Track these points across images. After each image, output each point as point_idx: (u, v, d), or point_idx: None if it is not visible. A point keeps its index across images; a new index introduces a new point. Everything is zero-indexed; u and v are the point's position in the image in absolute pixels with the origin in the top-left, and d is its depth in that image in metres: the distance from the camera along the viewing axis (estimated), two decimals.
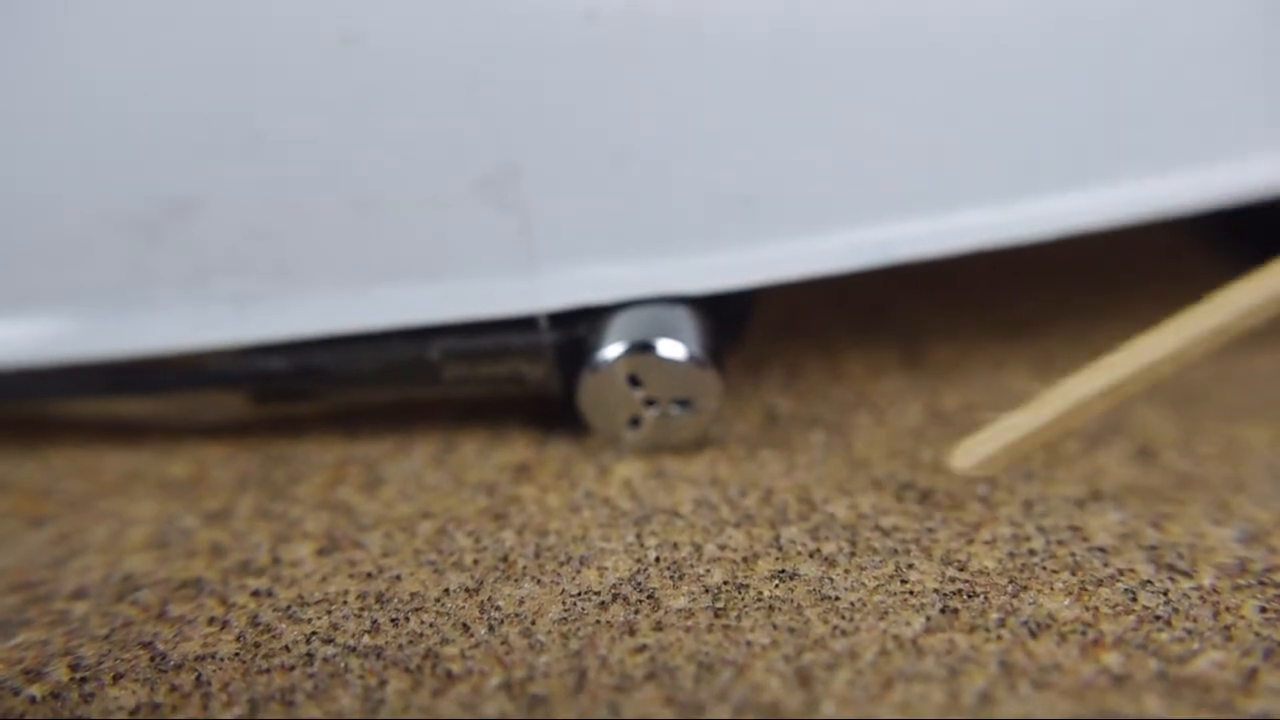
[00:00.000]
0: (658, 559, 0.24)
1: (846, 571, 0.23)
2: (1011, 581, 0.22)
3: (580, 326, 0.27)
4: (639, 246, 0.27)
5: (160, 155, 0.26)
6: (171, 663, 0.22)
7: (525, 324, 0.27)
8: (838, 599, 0.22)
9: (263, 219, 0.27)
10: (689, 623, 0.22)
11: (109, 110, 0.26)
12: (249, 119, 0.26)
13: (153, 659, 0.22)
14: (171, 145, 0.26)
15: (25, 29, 0.26)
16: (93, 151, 0.27)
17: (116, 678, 0.21)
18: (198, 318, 0.27)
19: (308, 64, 0.26)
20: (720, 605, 0.22)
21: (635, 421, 0.27)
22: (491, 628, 0.22)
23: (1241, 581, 0.22)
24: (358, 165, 0.26)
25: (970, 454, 0.24)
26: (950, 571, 0.23)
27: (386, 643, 0.22)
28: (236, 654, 0.22)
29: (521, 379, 0.27)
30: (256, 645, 0.22)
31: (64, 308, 0.28)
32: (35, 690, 0.21)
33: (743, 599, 0.22)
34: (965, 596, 0.22)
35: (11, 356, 0.28)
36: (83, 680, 0.21)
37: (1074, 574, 0.23)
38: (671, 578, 0.23)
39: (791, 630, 0.21)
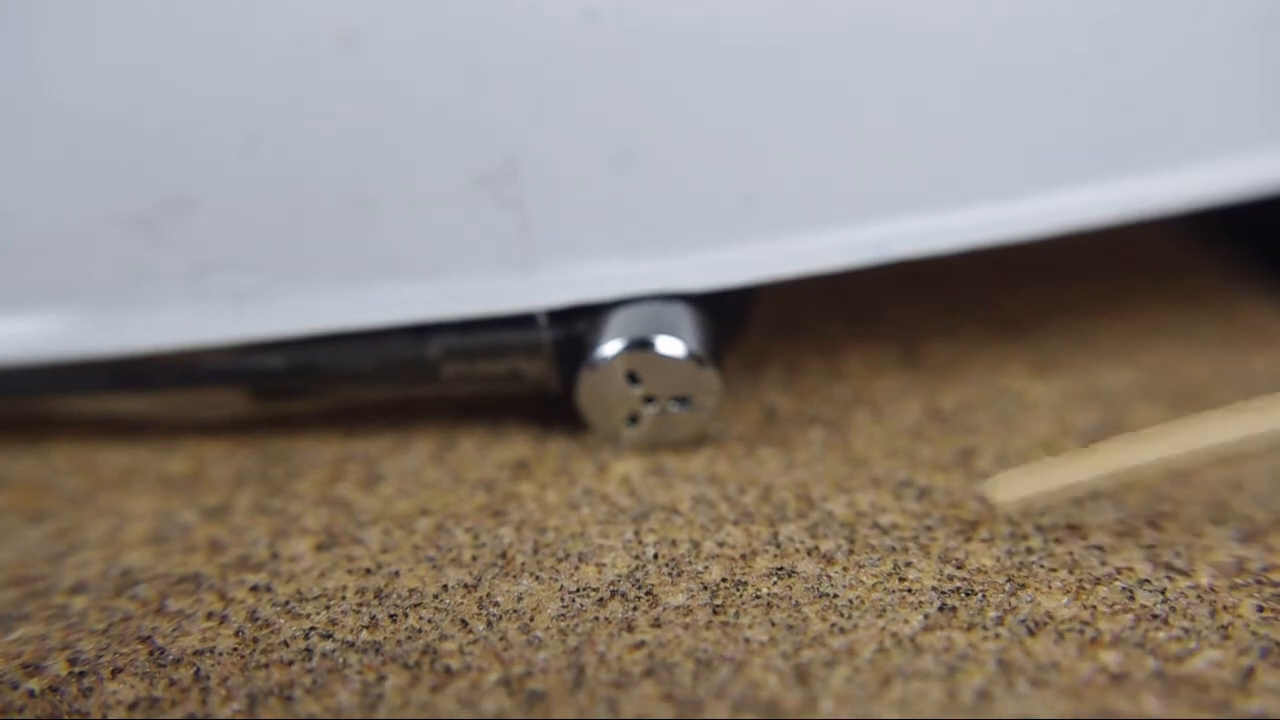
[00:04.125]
0: (656, 556, 0.24)
1: (845, 569, 0.23)
2: (1009, 580, 0.23)
3: (579, 324, 0.27)
4: (638, 244, 0.27)
5: (159, 153, 0.26)
6: (170, 657, 0.22)
7: (524, 321, 0.27)
8: (836, 596, 0.22)
9: (261, 216, 0.27)
10: (687, 620, 0.22)
11: (108, 108, 0.26)
12: (247, 117, 0.26)
13: (151, 653, 0.22)
14: (170, 143, 0.26)
15: (24, 28, 0.26)
16: (92, 149, 0.27)
17: (115, 672, 0.21)
18: (196, 315, 0.27)
19: (306, 62, 0.26)
20: (718, 602, 0.22)
21: (634, 419, 0.27)
22: (490, 624, 0.22)
23: (1239, 580, 0.22)
24: (356, 162, 0.26)
25: (1008, 488, 0.24)
26: (948, 569, 0.23)
27: (385, 638, 0.22)
28: (235, 649, 0.22)
29: (520, 376, 0.27)
30: (255, 640, 0.22)
31: (63, 305, 0.28)
32: (34, 684, 0.21)
33: (741, 596, 0.22)
34: (963, 594, 0.22)
35: (10, 354, 0.28)
36: (81, 674, 0.21)
37: (1072, 572, 0.23)
38: (670, 575, 0.23)
39: (790, 627, 0.21)
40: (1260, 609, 0.21)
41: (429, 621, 0.22)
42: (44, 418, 0.30)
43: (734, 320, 0.28)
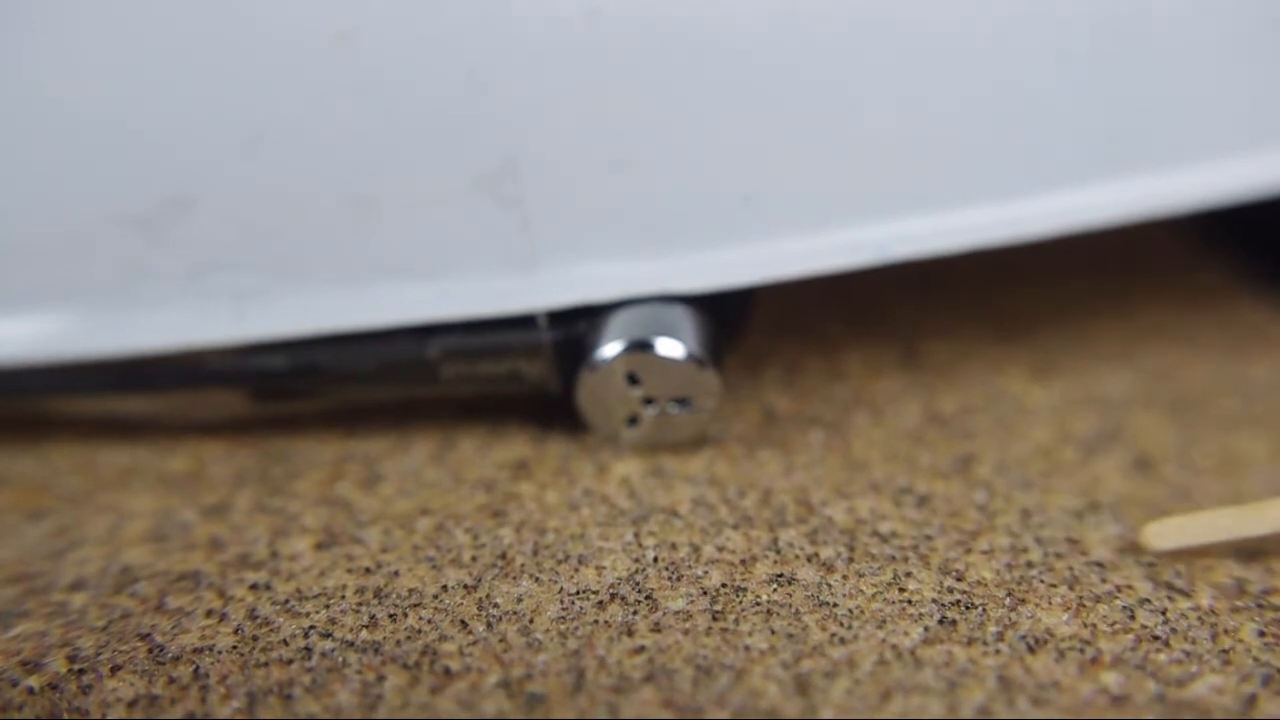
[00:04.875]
0: (656, 559, 0.24)
1: (844, 577, 0.23)
2: (1009, 594, 0.23)
3: (579, 325, 0.27)
4: (638, 245, 0.27)
5: (159, 153, 0.26)
6: (169, 655, 0.22)
7: (524, 322, 0.27)
8: (835, 605, 0.22)
9: (261, 217, 0.27)
10: (687, 625, 0.22)
11: (108, 108, 0.26)
12: (247, 117, 0.26)
13: (150, 651, 0.22)
14: (170, 143, 0.26)
15: (25, 28, 0.26)
16: (92, 149, 0.26)
17: (114, 669, 0.22)
18: (197, 315, 0.27)
19: (306, 62, 0.26)
20: (718, 608, 0.22)
21: (634, 420, 0.27)
22: (490, 625, 0.22)
23: (1240, 603, 0.22)
24: (356, 163, 0.26)
25: (1164, 538, 0.24)
26: (948, 581, 0.23)
27: (384, 638, 0.22)
28: (234, 647, 0.22)
29: (520, 377, 0.27)
30: (254, 639, 0.22)
31: (63, 305, 0.28)
32: (33, 681, 0.21)
33: (740, 602, 0.23)
34: (963, 608, 0.22)
35: (11, 354, 0.28)
36: (80, 672, 0.22)
37: (1072, 588, 0.23)
38: (669, 579, 0.23)
39: (790, 636, 0.22)
40: (1261, 633, 0.22)
41: (429, 622, 0.22)
42: (44, 418, 0.30)
43: (734, 321, 0.28)
